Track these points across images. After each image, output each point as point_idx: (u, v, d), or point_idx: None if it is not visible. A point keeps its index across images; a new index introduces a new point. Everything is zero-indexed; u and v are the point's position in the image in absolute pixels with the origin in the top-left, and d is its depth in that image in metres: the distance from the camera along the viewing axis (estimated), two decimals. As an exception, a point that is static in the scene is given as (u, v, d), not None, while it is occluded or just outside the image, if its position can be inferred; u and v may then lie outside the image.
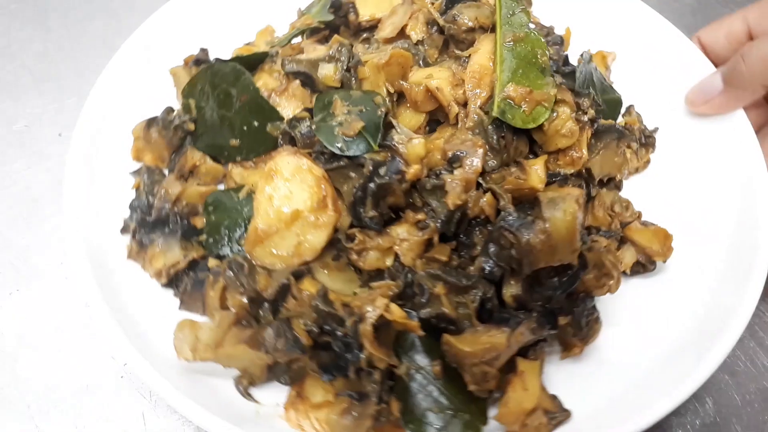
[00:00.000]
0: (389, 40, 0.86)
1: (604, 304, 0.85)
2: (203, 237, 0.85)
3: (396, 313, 0.69)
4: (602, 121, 0.85)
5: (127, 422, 0.83)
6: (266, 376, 0.76)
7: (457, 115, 0.77)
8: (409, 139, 0.73)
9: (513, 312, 0.75)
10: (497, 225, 0.72)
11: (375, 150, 0.74)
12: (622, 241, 0.87)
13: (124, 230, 0.85)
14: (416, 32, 0.84)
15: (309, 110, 0.81)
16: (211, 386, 0.74)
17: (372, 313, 0.68)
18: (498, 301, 0.75)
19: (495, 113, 0.73)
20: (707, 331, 0.78)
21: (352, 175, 0.75)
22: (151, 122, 0.91)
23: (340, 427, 0.70)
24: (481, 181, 0.75)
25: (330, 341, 0.72)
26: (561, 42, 0.95)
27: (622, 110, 0.98)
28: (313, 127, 0.76)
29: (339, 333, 0.70)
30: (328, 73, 0.80)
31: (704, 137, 0.94)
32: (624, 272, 0.86)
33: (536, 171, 0.74)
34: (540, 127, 0.76)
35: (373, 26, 0.91)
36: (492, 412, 0.73)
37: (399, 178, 0.73)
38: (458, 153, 0.74)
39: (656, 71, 1.02)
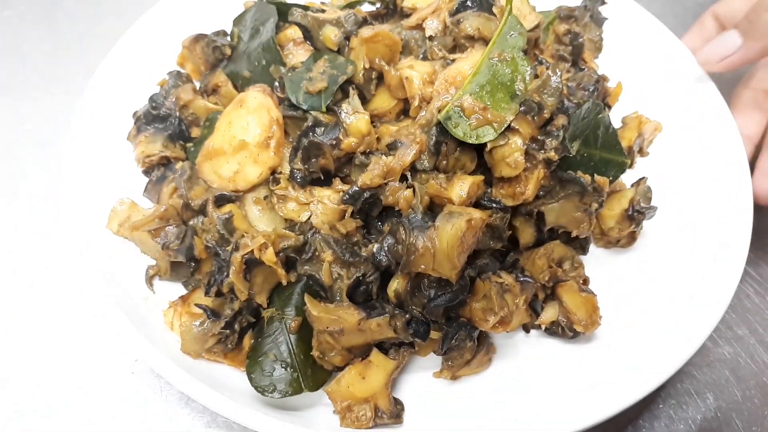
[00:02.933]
0: (410, 28, 0.89)
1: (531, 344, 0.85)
2: (190, 144, 0.94)
3: (267, 255, 0.73)
4: (581, 174, 0.82)
5: (138, 417, 0.85)
6: (171, 274, 0.84)
7: (417, 109, 0.79)
8: (355, 112, 0.77)
9: (386, 305, 0.76)
10: (399, 219, 0.74)
11: (322, 111, 0.78)
12: (553, 296, 0.83)
13: (134, 115, 0.97)
14: (430, 27, 0.86)
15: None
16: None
17: (245, 247, 0.73)
18: (381, 292, 0.77)
19: (440, 117, 0.74)
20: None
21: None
22: (199, 37, 1.02)
23: (190, 334, 0.76)
24: (408, 176, 0.76)
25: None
26: (593, 90, 0.92)
27: (633, 180, 0.93)
28: (289, 74, 0.82)
29: (222, 255, 0.76)
30: (328, 34, 0.85)
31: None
32: (539, 327, 0.83)
33: (460, 186, 0.74)
34: (489, 150, 0.75)
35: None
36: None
37: (332, 143, 0.77)
38: (397, 142, 0.76)
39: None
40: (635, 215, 0.88)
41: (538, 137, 0.78)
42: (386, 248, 0.74)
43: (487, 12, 0.83)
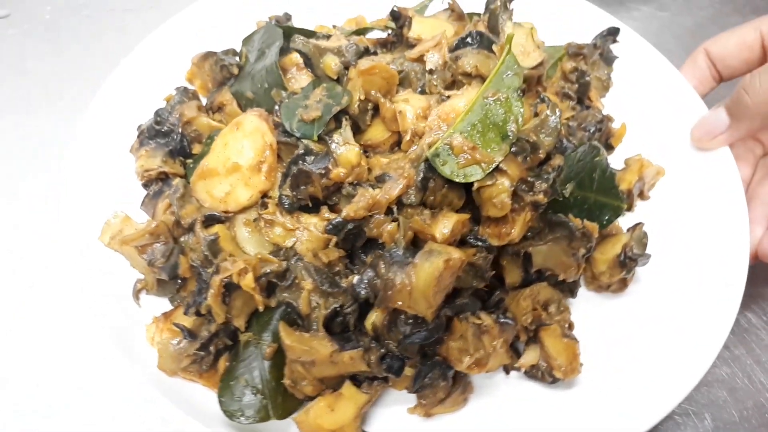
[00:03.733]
0: (412, 60, 0.89)
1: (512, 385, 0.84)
2: (190, 161, 0.95)
3: (245, 281, 0.73)
4: (572, 218, 0.81)
5: (138, 417, 0.86)
6: (158, 290, 0.85)
7: (409, 143, 0.79)
8: (345, 143, 0.77)
9: (363, 338, 0.75)
10: (382, 252, 0.73)
11: (314, 140, 0.78)
12: (535, 339, 0.82)
13: (138, 128, 0.99)
14: (431, 61, 0.86)
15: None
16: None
17: (225, 271, 0.73)
18: (359, 324, 0.77)
19: (428, 154, 0.74)
20: None
21: (296, 155, 0.80)
22: (208, 55, 1.03)
23: (167, 351, 0.76)
24: (395, 209, 0.76)
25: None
26: (594, 131, 0.91)
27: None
28: (286, 101, 0.83)
29: (203, 276, 0.77)
30: (328, 63, 0.86)
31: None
32: (517, 369, 0.82)
33: (444, 223, 0.74)
34: (477, 189, 0.75)
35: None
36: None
37: (321, 172, 0.77)
38: (386, 175, 0.76)
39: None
40: (627, 262, 0.86)
41: (528, 179, 0.77)
42: (366, 281, 0.73)
43: (487, 49, 0.83)
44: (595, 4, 1.11)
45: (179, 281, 0.83)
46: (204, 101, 1.03)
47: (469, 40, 0.83)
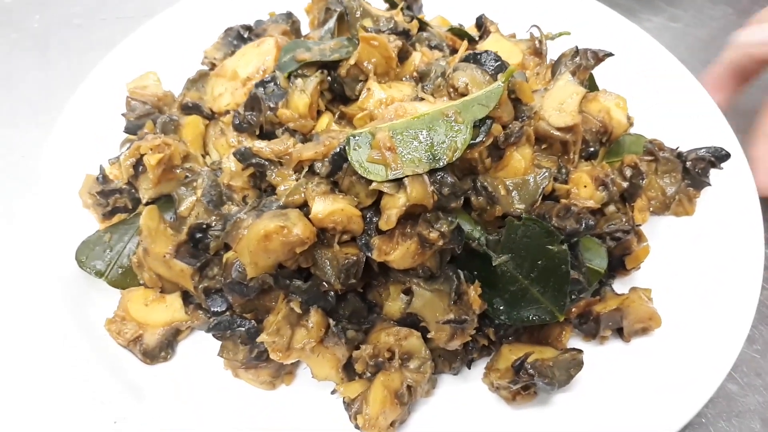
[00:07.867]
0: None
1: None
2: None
3: (149, 158, 0.77)
4: (474, 287, 0.72)
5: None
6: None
7: (360, 120, 0.76)
8: (302, 91, 0.77)
9: (216, 267, 0.76)
10: (263, 199, 0.73)
11: (285, 76, 0.79)
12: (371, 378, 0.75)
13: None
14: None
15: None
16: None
17: (144, 141, 0.79)
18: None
19: (348, 134, 0.70)
20: None
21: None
22: None
23: (87, 184, 0.85)
24: (304, 170, 0.74)
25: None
26: (588, 226, 0.79)
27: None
28: (301, 39, 0.85)
29: (141, 141, 0.83)
30: (362, 24, 0.85)
31: None
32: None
33: (326, 204, 0.69)
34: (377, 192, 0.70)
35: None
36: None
37: (270, 105, 0.79)
38: (315, 137, 0.75)
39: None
40: (521, 373, 0.73)
41: (440, 214, 0.69)
42: (236, 215, 0.73)
43: (492, 75, 0.74)
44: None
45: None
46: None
47: (481, 58, 0.75)
